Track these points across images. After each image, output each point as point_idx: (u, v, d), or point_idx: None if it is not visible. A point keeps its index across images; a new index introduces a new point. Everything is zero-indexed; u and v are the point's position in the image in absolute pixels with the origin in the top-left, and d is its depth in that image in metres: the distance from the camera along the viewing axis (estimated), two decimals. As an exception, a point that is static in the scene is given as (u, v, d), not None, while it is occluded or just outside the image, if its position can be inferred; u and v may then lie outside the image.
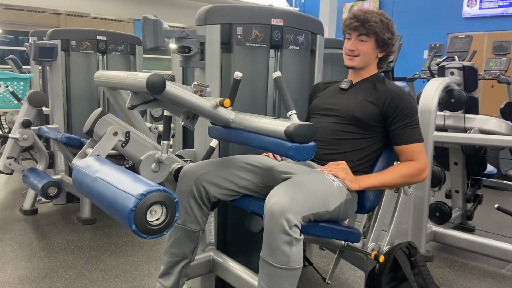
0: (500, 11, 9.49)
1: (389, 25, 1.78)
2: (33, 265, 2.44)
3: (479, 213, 3.24)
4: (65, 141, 2.86)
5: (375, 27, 1.74)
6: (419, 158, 1.72)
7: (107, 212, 1.32)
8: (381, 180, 1.71)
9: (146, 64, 4.66)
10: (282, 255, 1.39)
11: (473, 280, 2.41)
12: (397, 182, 1.73)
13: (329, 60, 2.73)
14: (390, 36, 1.78)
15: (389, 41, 1.79)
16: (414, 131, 1.73)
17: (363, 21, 1.75)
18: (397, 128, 1.72)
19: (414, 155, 1.72)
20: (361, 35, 1.77)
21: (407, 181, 1.74)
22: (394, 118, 1.72)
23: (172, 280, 1.75)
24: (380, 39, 1.77)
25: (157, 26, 1.64)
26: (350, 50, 1.80)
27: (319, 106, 1.89)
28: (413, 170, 1.71)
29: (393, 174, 1.72)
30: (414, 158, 1.72)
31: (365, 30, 1.75)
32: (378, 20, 1.75)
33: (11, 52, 8.16)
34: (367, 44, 1.78)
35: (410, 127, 1.72)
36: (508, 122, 2.67)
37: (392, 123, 1.73)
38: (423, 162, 1.73)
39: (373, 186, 1.70)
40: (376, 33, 1.75)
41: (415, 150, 1.72)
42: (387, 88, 1.77)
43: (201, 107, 1.54)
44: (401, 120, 1.71)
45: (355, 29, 1.77)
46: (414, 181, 1.75)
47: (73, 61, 3.36)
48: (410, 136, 1.72)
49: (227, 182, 1.72)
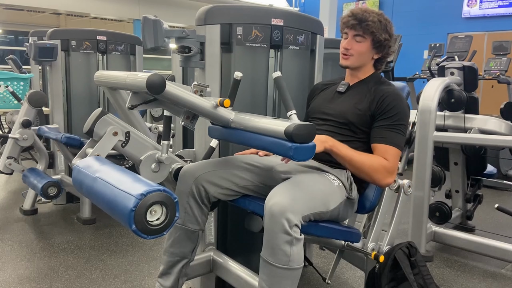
0: (500, 11, 9.49)
1: (387, 27, 1.76)
2: (33, 265, 2.44)
3: (479, 213, 3.24)
4: (65, 141, 2.86)
5: (372, 26, 1.72)
6: (390, 160, 1.65)
7: (107, 212, 1.32)
8: (350, 153, 1.64)
9: (146, 64, 4.66)
10: (282, 255, 1.39)
11: (473, 280, 2.41)
12: (363, 167, 1.64)
13: (329, 60, 2.73)
14: (387, 37, 1.76)
15: (386, 42, 1.77)
16: (396, 135, 1.67)
17: (361, 19, 1.73)
18: (380, 127, 1.68)
19: (386, 155, 1.65)
20: (357, 34, 1.75)
21: (370, 173, 1.65)
22: (381, 116, 1.68)
23: (171, 280, 1.75)
24: (376, 39, 1.75)
25: (157, 26, 1.64)
26: (345, 49, 1.78)
27: (316, 110, 1.89)
28: (379, 165, 1.64)
29: (363, 156, 1.65)
30: (386, 158, 1.66)
31: (361, 29, 1.73)
32: (376, 20, 1.73)
33: (11, 52, 8.16)
34: (362, 44, 1.76)
35: (393, 129, 1.67)
36: (508, 122, 2.67)
37: (377, 120, 1.69)
38: (393, 166, 1.66)
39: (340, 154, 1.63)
40: (373, 33, 1.73)
41: (389, 152, 1.66)
42: (383, 88, 1.75)
43: (201, 107, 1.54)
44: (387, 120, 1.67)
45: (351, 27, 1.75)
46: (376, 177, 1.65)
47: (73, 61, 3.36)
48: (390, 138, 1.67)
49: (227, 182, 1.72)
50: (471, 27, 9.53)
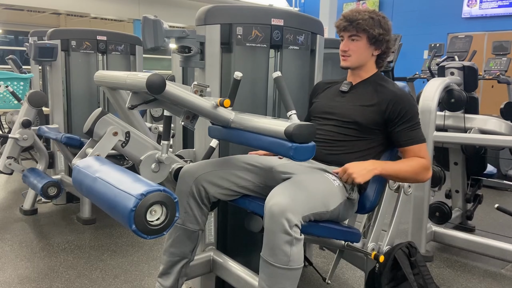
0: (500, 11, 9.49)
1: (381, 22, 1.77)
2: (33, 265, 2.44)
3: (479, 213, 3.24)
4: (65, 141, 2.86)
5: (363, 24, 1.74)
6: (426, 157, 1.74)
7: (107, 212, 1.32)
8: (396, 169, 1.70)
9: (146, 64, 4.66)
10: (282, 255, 1.39)
11: (473, 280, 2.41)
12: (409, 175, 1.72)
13: (329, 60, 2.73)
14: (382, 32, 1.77)
15: (381, 37, 1.77)
16: (418, 132, 1.74)
17: (351, 20, 1.75)
18: (401, 130, 1.73)
19: (421, 154, 1.73)
20: (351, 34, 1.78)
21: (415, 176, 1.73)
22: (399, 121, 1.72)
23: (171, 280, 1.75)
24: (371, 35, 1.76)
25: (157, 26, 1.64)
26: (343, 51, 1.81)
27: (319, 109, 1.89)
28: (421, 165, 1.72)
29: (406, 165, 1.72)
30: (422, 157, 1.73)
31: (354, 28, 1.76)
32: (367, 17, 1.75)
33: (11, 52, 8.16)
34: (358, 43, 1.78)
35: (414, 128, 1.73)
36: (508, 122, 2.67)
37: (397, 125, 1.73)
38: (429, 160, 1.76)
39: (388, 174, 1.70)
40: (366, 30, 1.75)
41: (422, 150, 1.74)
42: (388, 90, 1.77)
43: (201, 107, 1.54)
44: (405, 123, 1.72)
45: (344, 29, 1.78)
46: (420, 177, 1.74)
47: (73, 61, 3.36)
48: (415, 137, 1.73)
49: (227, 182, 1.72)
50: (471, 27, 9.53)
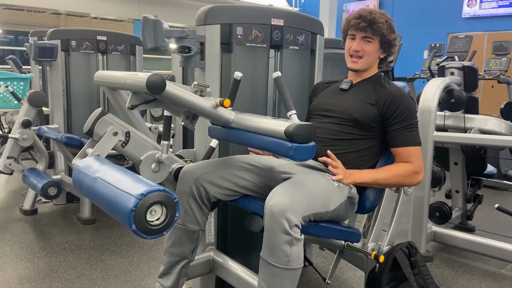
0: (500, 11, 9.49)
1: (391, 26, 1.78)
2: (33, 265, 2.44)
3: (479, 213, 3.24)
4: (65, 141, 2.86)
5: (382, 28, 1.74)
6: (414, 161, 1.71)
7: (107, 212, 1.32)
8: (374, 177, 1.70)
9: (146, 64, 4.66)
10: (282, 255, 1.39)
11: (473, 280, 2.41)
12: (390, 182, 1.72)
13: (329, 60, 2.73)
14: (395, 37, 1.79)
15: (394, 42, 1.79)
16: (411, 134, 1.72)
17: (371, 21, 1.74)
18: (394, 130, 1.72)
19: (409, 158, 1.71)
20: (366, 36, 1.76)
21: (400, 182, 1.73)
22: (393, 120, 1.71)
23: (171, 280, 1.75)
24: (385, 40, 1.77)
25: (157, 26, 1.64)
26: (355, 51, 1.79)
27: (319, 107, 1.89)
28: (406, 171, 1.70)
29: (386, 172, 1.71)
30: (409, 161, 1.71)
31: (372, 31, 1.74)
32: (384, 21, 1.74)
33: (11, 52, 8.17)
34: (372, 45, 1.77)
35: (408, 129, 1.71)
36: (508, 122, 2.67)
37: (391, 124, 1.72)
38: (418, 165, 1.71)
39: (365, 183, 1.69)
40: (382, 34, 1.75)
41: (411, 153, 1.71)
42: (387, 89, 1.77)
43: (201, 107, 1.54)
44: (399, 122, 1.71)
45: (362, 29, 1.75)
46: (407, 182, 1.74)
47: (73, 61, 3.36)
48: (407, 139, 1.71)
49: (227, 182, 1.72)
50: (471, 27, 9.52)
